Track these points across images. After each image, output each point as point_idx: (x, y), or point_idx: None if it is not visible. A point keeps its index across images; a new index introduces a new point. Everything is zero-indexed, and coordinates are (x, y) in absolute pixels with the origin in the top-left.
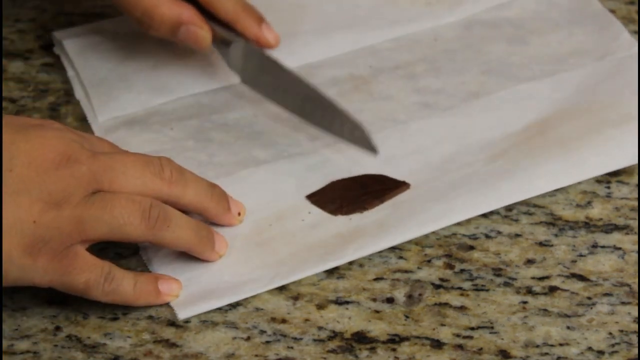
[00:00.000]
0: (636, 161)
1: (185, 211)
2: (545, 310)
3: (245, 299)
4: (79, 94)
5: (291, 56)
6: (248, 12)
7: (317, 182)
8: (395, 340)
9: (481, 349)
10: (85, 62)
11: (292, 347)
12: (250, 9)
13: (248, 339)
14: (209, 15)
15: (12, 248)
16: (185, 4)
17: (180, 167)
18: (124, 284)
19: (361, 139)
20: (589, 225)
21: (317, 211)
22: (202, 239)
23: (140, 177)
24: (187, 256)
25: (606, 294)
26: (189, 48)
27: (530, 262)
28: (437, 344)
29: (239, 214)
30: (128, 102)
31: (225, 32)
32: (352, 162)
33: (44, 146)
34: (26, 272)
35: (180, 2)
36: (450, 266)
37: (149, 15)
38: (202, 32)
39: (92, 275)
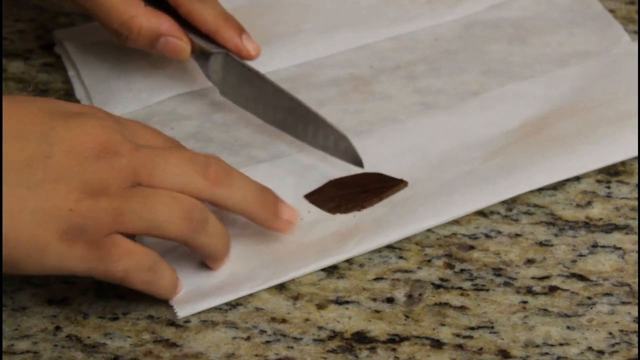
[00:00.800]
0: (635, 154)
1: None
2: (545, 310)
3: (245, 299)
4: (79, 93)
5: (292, 55)
6: (229, 23)
7: (316, 181)
8: (395, 340)
9: (481, 349)
10: (86, 61)
11: (292, 347)
12: (230, 19)
13: (248, 338)
14: (188, 26)
15: (49, 236)
16: (164, 14)
17: (228, 166)
18: (165, 278)
19: (346, 152)
20: (589, 225)
21: (316, 210)
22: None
23: (181, 174)
24: (186, 254)
25: (606, 294)
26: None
27: (530, 262)
28: (437, 344)
29: (290, 221)
30: (128, 100)
31: (204, 43)
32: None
33: (85, 135)
34: (64, 260)
35: (159, 13)
36: (450, 266)
37: (127, 27)
38: (181, 43)
39: (132, 262)
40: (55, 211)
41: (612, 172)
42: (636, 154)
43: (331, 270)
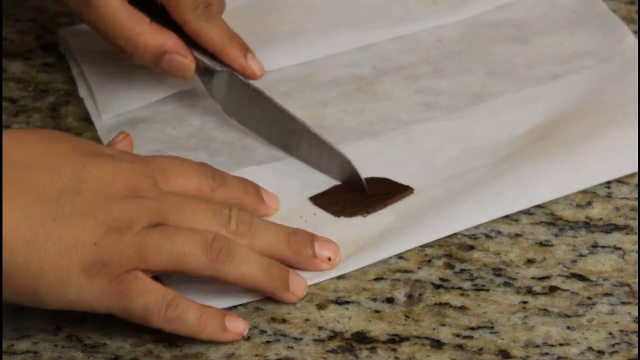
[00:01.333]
0: (636, 169)
1: None
2: (545, 310)
3: None
4: (82, 92)
5: (295, 54)
6: (234, 42)
7: (321, 184)
8: (395, 340)
9: (481, 349)
10: (90, 59)
11: (292, 347)
12: (236, 38)
13: (248, 338)
14: (192, 44)
15: (72, 268)
16: (169, 32)
17: (250, 217)
18: (189, 313)
19: (350, 176)
20: (589, 225)
21: (320, 213)
22: (273, 278)
23: (206, 224)
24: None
25: (606, 294)
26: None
27: (530, 262)
28: (437, 344)
29: (329, 259)
30: (131, 98)
31: (209, 61)
32: (356, 164)
33: (115, 176)
34: (83, 294)
35: (164, 30)
36: (450, 266)
37: (133, 43)
38: (186, 61)
39: (152, 298)
40: (80, 244)
41: None
42: (636, 169)
43: None
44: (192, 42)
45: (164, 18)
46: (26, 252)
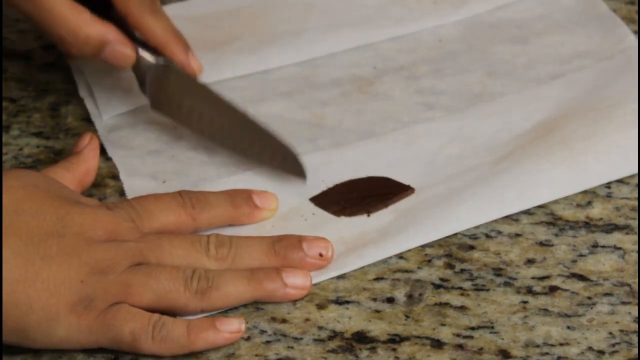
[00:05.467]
0: (636, 171)
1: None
2: (545, 310)
3: None
4: (82, 92)
5: (296, 53)
6: (177, 39)
7: (321, 184)
8: (395, 340)
9: (481, 348)
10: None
11: (292, 347)
12: (178, 35)
13: (248, 338)
14: (130, 36)
15: (60, 306)
16: (109, 23)
17: (228, 239)
18: (174, 329)
19: (293, 165)
20: (589, 225)
21: (320, 212)
22: (261, 283)
23: (186, 256)
24: None
25: (606, 294)
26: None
27: (530, 262)
28: (438, 344)
29: (321, 254)
30: (132, 98)
31: (147, 52)
32: (356, 164)
33: (95, 222)
34: (72, 332)
35: (104, 22)
36: (450, 266)
37: (73, 35)
38: (128, 50)
39: (137, 324)
40: (68, 282)
41: None
42: (636, 171)
43: None
44: (130, 35)
45: (102, 11)
46: (15, 290)
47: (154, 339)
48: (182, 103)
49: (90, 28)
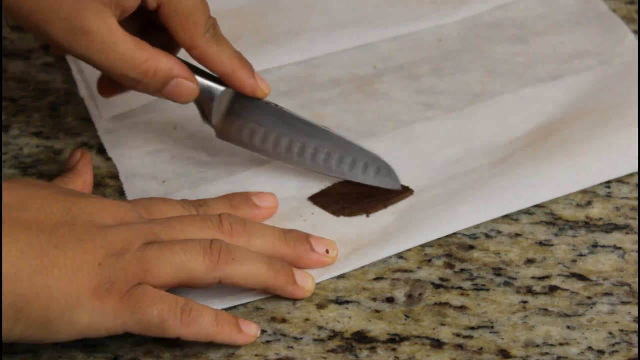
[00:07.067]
0: (636, 169)
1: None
2: (545, 310)
3: None
4: (82, 92)
5: (296, 52)
6: (243, 63)
7: (321, 184)
8: (395, 340)
9: (481, 348)
10: None
11: (292, 347)
12: (243, 59)
13: None
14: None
15: (81, 291)
16: (171, 55)
17: (242, 219)
18: (204, 315)
19: (387, 176)
20: (589, 225)
21: (320, 212)
22: (279, 273)
23: (198, 233)
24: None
25: (606, 294)
26: None
27: (530, 262)
28: (438, 344)
29: (327, 251)
30: (131, 98)
31: (210, 82)
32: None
33: (102, 210)
34: (96, 317)
35: (167, 54)
36: (450, 266)
37: (142, 71)
38: (193, 85)
39: (165, 306)
40: (85, 267)
41: None
42: (636, 170)
43: None
44: (187, 64)
45: (153, 39)
46: (34, 281)
47: (182, 322)
48: (256, 130)
49: (158, 62)
